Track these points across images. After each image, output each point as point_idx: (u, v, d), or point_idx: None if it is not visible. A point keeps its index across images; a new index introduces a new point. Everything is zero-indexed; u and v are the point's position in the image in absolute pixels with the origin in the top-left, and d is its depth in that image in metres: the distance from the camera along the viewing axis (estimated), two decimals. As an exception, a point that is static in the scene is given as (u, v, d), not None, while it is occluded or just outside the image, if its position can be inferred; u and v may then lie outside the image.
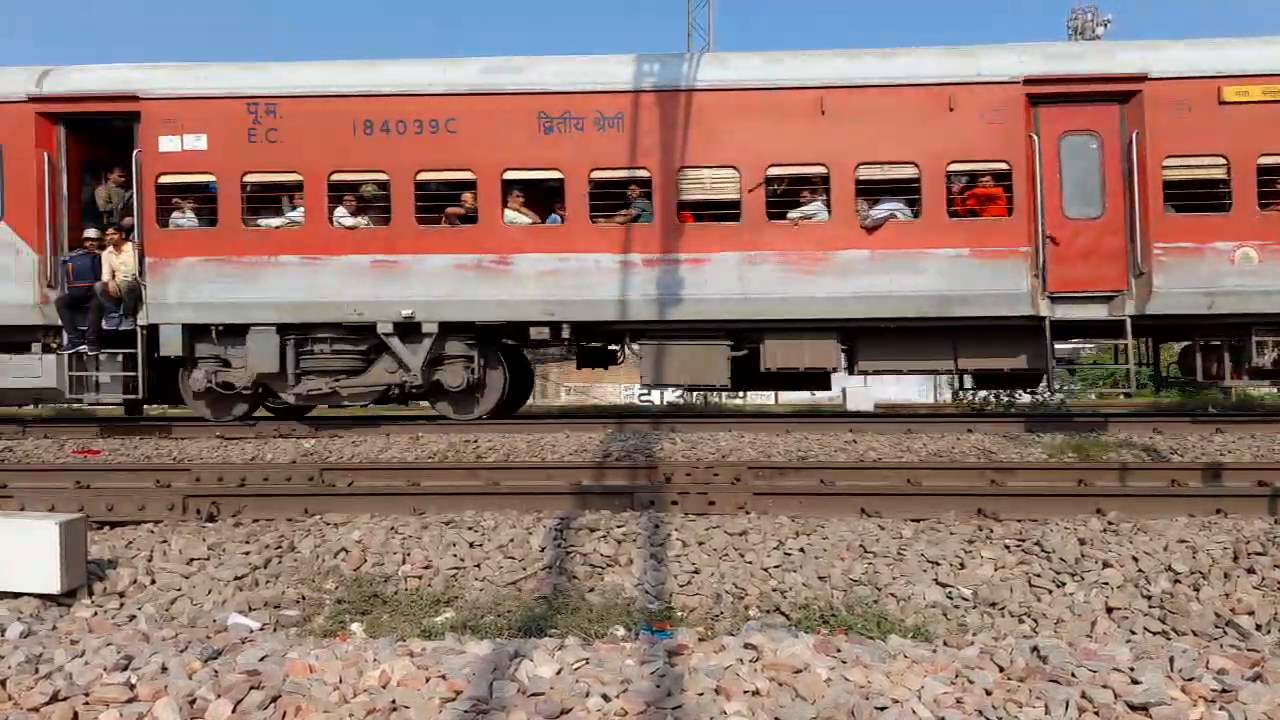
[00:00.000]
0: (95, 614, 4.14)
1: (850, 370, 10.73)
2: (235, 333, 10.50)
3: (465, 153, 10.22)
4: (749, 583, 4.48)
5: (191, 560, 4.78)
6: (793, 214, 10.18)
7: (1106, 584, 4.33)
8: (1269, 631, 4.00)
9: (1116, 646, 3.26)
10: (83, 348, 10.41)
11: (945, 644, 3.36)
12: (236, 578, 4.55)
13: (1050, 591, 4.33)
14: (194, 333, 10.48)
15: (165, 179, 10.38)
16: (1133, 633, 4.00)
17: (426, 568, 4.68)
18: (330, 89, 10.28)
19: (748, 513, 5.52)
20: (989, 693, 2.79)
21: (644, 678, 2.89)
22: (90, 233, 10.53)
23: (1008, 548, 4.78)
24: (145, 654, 3.16)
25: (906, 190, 10.09)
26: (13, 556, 4.11)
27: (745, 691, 2.80)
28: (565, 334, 10.46)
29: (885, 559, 4.67)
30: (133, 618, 4.11)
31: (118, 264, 10.45)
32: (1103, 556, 4.56)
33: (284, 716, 2.74)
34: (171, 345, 10.34)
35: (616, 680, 2.88)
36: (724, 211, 10.26)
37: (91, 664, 3.07)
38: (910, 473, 6.61)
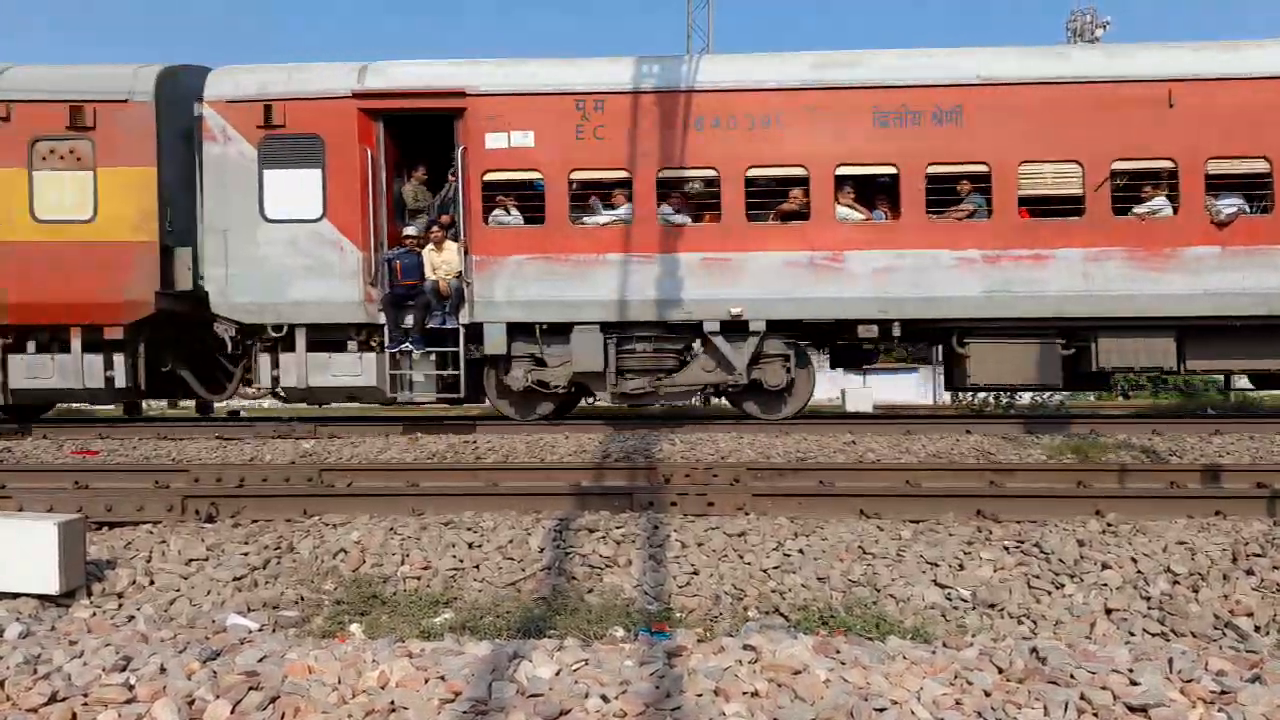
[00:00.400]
0: (94, 614, 4.13)
1: (1178, 370, 10.52)
2: (555, 331, 10.37)
3: (797, 148, 10.09)
4: (748, 584, 4.49)
5: (190, 561, 4.78)
6: (1138, 209, 10.03)
7: (1105, 585, 4.34)
8: (1268, 633, 4.00)
9: (1115, 648, 3.27)
10: (406, 346, 10.27)
11: (944, 645, 3.35)
12: (235, 578, 4.55)
13: (1049, 593, 4.33)
14: (511, 331, 10.38)
15: (491, 176, 10.29)
16: (1132, 634, 4.01)
17: (425, 568, 4.68)
18: (658, 85, 10.13)
19: (747, 514, 5.51)
20: (988, 694, 2.79)
21: (643, 679, 2.89)
22: (410, 230, 10.42)
23: (1007, 549, 4.79)
24: (144, 655, 3.15)
25: (1258, 185, 9.95)
26: (12, 557, 4.11)
27: (744, 693, 2.80)
28: (896, 332, 10.31)
29: (884, 560, 4.67)
30: (131, 618, 4.11)
31: (438, 262, 10.32)
32: (1102, 558, 4.56)
33: (283, 717, 2.73)
34: (496, 344, 10.24)
35: (616, 681, 2.88)
36: (1065, 207, 10.05)
37: (90, 664, 3.06)
38: (909, 474, 6.61)
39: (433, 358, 10.36)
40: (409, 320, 10.26)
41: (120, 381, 10.45)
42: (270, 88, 10.30)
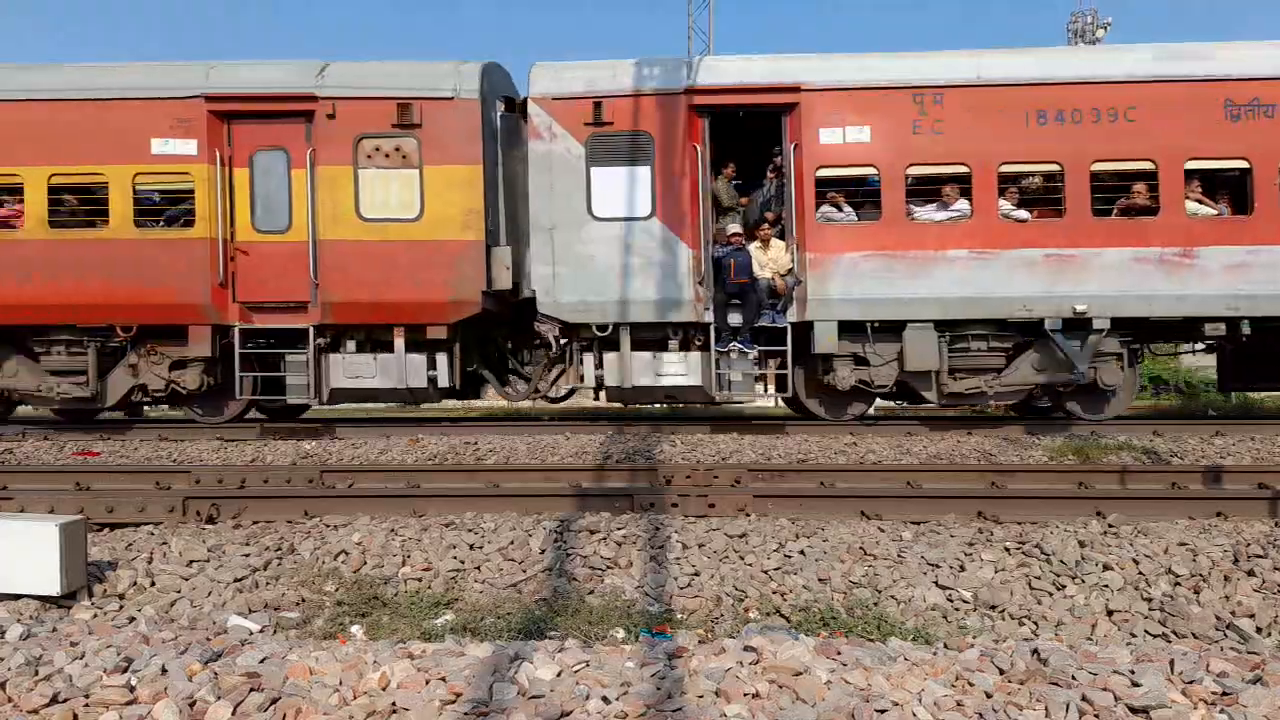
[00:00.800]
0: (95, 616, 4.14)
1: None
2: (882, 329, 10.22)
3: (1144, 142, 9.88)
4: (749, 585, 4.48)
5: (191, 562, 4.78)
6: None
7: (1107, 586, 4.34)
8: (1269, 634, 4.00)
9: (1117, 649, 3.26)
10: (735, 344, 10.18)
11: (946, 646, 3.36)
12: (236, 580, 4.55)
13: (1050, 594, 4.33)
14: (839, 329, 10.17)
15: (824, 172, 10.11)
16: (1133, 635, 4.01)
17: (426, 570, 4.68)
18: (999, 79, 10.00)
19: (748, 515, 5.52)
20: (989, 695, 2.79)
21: (644, 680, 2.89)
22: (734, 228, 10.30)
23: (1008, 550, 4.78)
24: (145, 656, 3.16)
25: None
26: (13, 558, 4.12)
27: (745, 694, 2.80)
28: (1245, 330, 10.04)
29: (885, 561, 4.67)
30: (133, 619, 4.11)
31: (765, 260, 10.18)
32: (1103, 559, 4.56)
33: (284, 718, 2.73)
34: (828, 343, 10.06)
35: (617, 683, 2.88)
36: None
37: (91, 666, 3.07)
38: (910, 475, 6.61)
39: (751, 356, 10.25)
40: (738, 318, 10.17)
41: (443, 381, 10.41)
42: (597, 84, 10.15)
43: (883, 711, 2.68)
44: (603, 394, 10.87)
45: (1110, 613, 4.16)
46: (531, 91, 10.22)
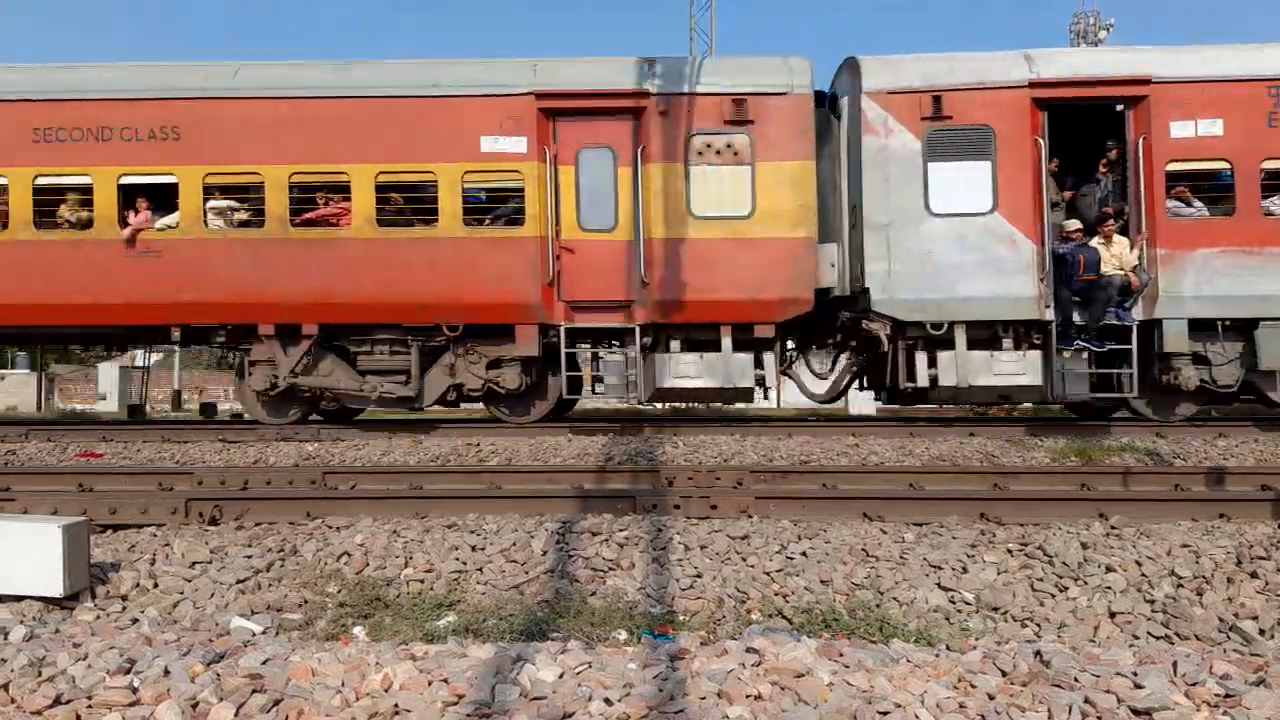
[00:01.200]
0: (98, 617, 4.14)
1: None
2: (1230, 327, 10.12)
3: None
4: (751, 587, 4.48)
5: (194, 564, 4.79)
6: None
7: (1109, 588, 4.33)
8: (1273, 636, 3.99)
9: (1120, 651, 3.25)
10: (1081, 343, 10.04)
11: (948, 648, 3.35)
12: (239, 581, 4.56)
13: (1053, 596, 4.33)
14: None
15: (1174, 166, 10.04)
16: (1136, 637, 4.00)
17: (429, 571, 4.69)
18: None
19: (750, 516, 5.51)
20: (992, 697, 2.79)
21: (646, 682, 2.89)
22: (1074, 224, 10.22)
23: (1010, 552, 4.78)
24: (148, 657, 3.16)
25: None
26: (16, 559, 4.12)
27: (747, 696, 2.79)
28: None
29: (888, 563, 4.67)
30: (135, 621, 4.12)
31: (1108, 256, 10.06)
32: (1106, 561, 4.55)
33: (286, 720, 2.74)
34: (1179, 341, 9.92)
35: (619, 684, 2.88)
36: None
37: (94, 667, 3.07)
38: (913, 477, 6.61)
39: (1084, 355, 10.10)
40: (1080, 316, 10.05)
41: (770, 380, 10.38)
42: (934, 78, 10.11)
43: (885, 713, 2.68)
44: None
45: (1113, 614, 4.15)
46: (865, 87, 10.15)
